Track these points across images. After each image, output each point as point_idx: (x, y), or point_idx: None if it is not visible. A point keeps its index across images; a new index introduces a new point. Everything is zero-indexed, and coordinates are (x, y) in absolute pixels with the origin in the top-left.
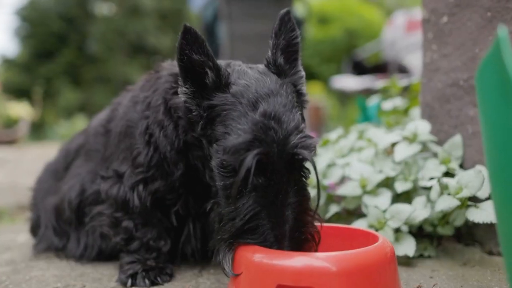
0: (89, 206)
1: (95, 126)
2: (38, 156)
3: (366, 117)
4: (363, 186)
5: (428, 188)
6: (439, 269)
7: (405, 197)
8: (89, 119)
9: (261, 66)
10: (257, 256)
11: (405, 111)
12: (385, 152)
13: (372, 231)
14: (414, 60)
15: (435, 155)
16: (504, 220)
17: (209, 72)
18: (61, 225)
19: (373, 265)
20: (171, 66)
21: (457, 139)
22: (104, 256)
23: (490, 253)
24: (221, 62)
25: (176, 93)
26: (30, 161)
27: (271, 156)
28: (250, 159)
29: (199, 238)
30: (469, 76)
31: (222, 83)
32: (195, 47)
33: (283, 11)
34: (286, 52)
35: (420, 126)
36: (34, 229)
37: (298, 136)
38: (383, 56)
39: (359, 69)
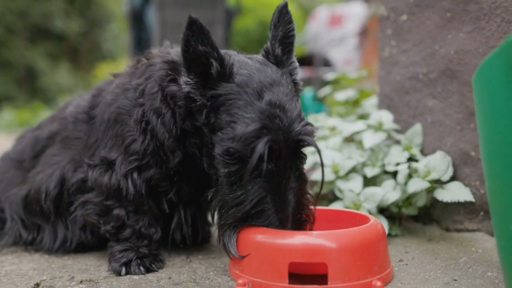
0: (72, 196)
1: (73, 113)
2: None
3: (303, 108)
4: (336, 172)
5: (390, 173)
6: (410, 245)
7: (368, 181)
8: None
9: (260, 57)
10: (266, 237)
11: (356, 102)
12: (345, 140)
13: (359, 212)
14: (336, 54)
15: (396, 142)
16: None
17: (214, 62)
18: (30, 217)
19: (370, 241)
20: (162, 53)
21: (417, 127)
22: (83, 248)
23: (447, 229)
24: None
25: (172, 80)
26: None
27: (278, 143)
28: (261, 146)
29: (189, 225)
30: (429, 70)
31: (227, 73)
32: (200, 38)
33: (281, 3)
34: (283, 44)
35: (384, 116)
36: None
37: (301, 123)
38: (307, 49)
39: None
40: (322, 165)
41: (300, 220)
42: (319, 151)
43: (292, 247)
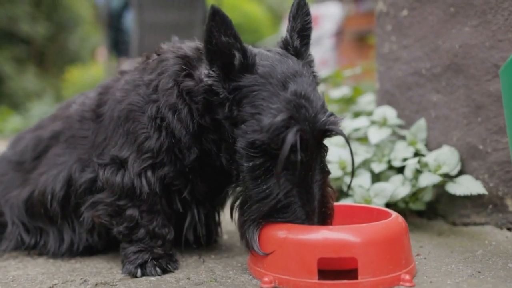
0: (80, 197)
1: (78, 111)
2: None
3: None
4: (343, 168)
5: (394, 168)
6: (423, 240)
7: (374, 176)
8: None
9: (279, 49)
10: (294, 233)
11: (350, 99)
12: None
13: (376, 206)
14: (314, 54)
15: (401, 137)
16: None
17: (236, 53)
18: (32, 220)
19: (397, 235)
20: (174, 48)
21: (421, 122)
22: (89, 251)
23: (454, 224)
24: None
25: (187, 75)
26: None
27: (305, 133)
28: (292, 136)
29: (203, 224)
30: (432, 65)
31: (250, 64)
32: (223, 28)
33: None
34: (301, 36)
35: (388, 112)
36: None
37: (326, 114)
38: None
39: None
40: (351, 153)
41: (325, 214)
42: (347, 140)
43: (321, 242)
